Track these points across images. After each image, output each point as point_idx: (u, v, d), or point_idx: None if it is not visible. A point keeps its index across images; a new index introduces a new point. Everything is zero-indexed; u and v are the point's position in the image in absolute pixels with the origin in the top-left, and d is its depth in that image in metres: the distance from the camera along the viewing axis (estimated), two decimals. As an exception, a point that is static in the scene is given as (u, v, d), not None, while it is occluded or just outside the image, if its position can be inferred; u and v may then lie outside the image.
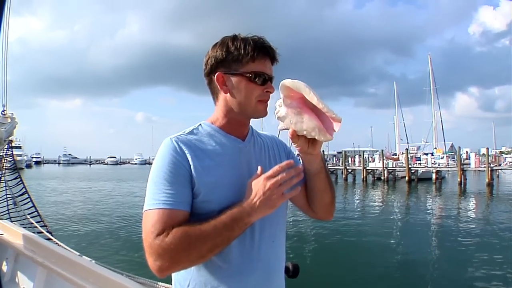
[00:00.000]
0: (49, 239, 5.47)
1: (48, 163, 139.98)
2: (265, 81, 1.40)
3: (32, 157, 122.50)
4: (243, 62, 1.40)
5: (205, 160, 1.36)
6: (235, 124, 1.47)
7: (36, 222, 7.12)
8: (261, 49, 1.41)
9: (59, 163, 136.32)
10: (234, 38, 1.44)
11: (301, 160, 1.52)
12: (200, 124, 1.50)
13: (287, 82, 1.32)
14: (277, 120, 1.39)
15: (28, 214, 7.67)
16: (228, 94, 1.42)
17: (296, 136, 1.37)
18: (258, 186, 1.29)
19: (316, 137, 1.33)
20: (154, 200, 1.28)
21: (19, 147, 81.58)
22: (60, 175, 65.04)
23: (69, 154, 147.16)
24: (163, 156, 1.34)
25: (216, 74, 1.42)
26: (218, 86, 1.43)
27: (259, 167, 1.36)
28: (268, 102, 1.44)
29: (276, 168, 1.29)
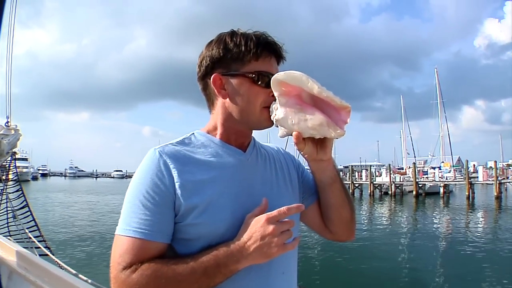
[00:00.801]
0: (45, 254, 5.33)
1: (54, 175, 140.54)
2: (270, 83, 1.18)
3: (39, 169, 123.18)
4: (245, 61, 1.21)
5: (197, 175, 1.16)
6: (235, 134, 1.28)
7: (35, 237, 6.99)
8: (265, 46, 1.22)
9: (65, 176, 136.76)
10: (233, 33, 1.25)
11: (310, 172, 1.34)
12: (193, 133, 1.30)
13: (280, 75, 1.13)
14: (276, 128, 1.21)
15: (28, 228, 7.54)
16: (228, 99, 1.23)
17: (302, 141, 1.18)
18: (257, 227, 1.07)
19: (327, 135, 1.14)
20: (126, 225, 1.09)
21: (26, 159, 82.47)
22: (67, 188, 65.00)
23: (75, 167, 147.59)
24: (143, 172, 1.15)
25: (213, 76, 1.22)
26: (215, 90, 1.24)
27: (263, 199, 1.15)
28: None
29: (283, 209, 1.07)
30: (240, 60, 1.21)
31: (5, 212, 8.29)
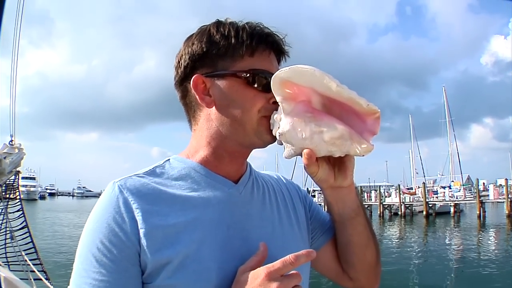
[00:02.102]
0: (39, 279, 5.13)
1: (62, 195, 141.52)
2: (269, 85, 0.89)
3: (46, 189, 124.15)
4: (236, 57, 0.93)
5: (170, 217, 0.86)
6: (226, 158, 0.97)
7: (31, 260, 6.76)
8: (261, 38, 0.94)
9: (73, 196, 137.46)
10: (219, 23, 0.97)
11: (326, 203, 1.04)
12: (168, 159, 1.00)
13: (283, 73, 0.86)
14: (279, 144, 0.93)
15: (25, 250, 7.33)
16: (214, 108, 0.94)
17: (315, 162, 0.89)
18: (254, 285, 0.79)
19: (350, 151, 0.86)
20: (76, 286, 0.83)
21: (33, 178, 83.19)
22: (76, 208, 65.08)
23: (83, 187, 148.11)
24: (98, 215, 0.86)
25: (193, 78, 0.94)
26: (197, 97, 0.94)
27: (260, 244, 0.87)
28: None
29: (289, 259, 0.79)
30: (229, 55, 0.93)
31: (4, 233, 8.10)
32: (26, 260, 6.58)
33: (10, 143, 9.95)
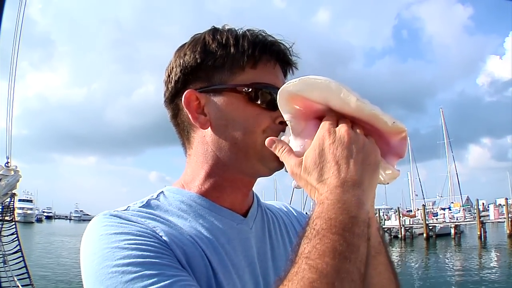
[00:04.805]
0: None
1: (59, 218, 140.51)
2: (275, 102, 0.76)
3: (44, 212, 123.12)
4: (235, 69, 0.82)
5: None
6: (227, 188, 0.85)
7: (25, 285, 6.52)
8: (265, 46, 0.82)
9: (70, 219, 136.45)
10: (216, 30, 0.85)
11: None
12: (162, 192, 0.86)
13: (291, 85, 0.73)
14: (287, 171, 0.77)
15: (17, 275, 7.08)
16: (209, 129, 0.83)
17: None
18: (326, 144, 0.69)
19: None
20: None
21: (30, 201, 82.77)
22: (74, 232, 64.71)
23: (81, 210, 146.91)
24: (105, 237, 0.69)
25: (185, 94, 0.81)
26: (189, 116, 0.82)
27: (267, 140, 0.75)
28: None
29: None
30: (227, 67, 0.81)
31: (-3, 257, 7.89)
32: (18, 286, 6.37)
33: (6, 165, 9.85)
